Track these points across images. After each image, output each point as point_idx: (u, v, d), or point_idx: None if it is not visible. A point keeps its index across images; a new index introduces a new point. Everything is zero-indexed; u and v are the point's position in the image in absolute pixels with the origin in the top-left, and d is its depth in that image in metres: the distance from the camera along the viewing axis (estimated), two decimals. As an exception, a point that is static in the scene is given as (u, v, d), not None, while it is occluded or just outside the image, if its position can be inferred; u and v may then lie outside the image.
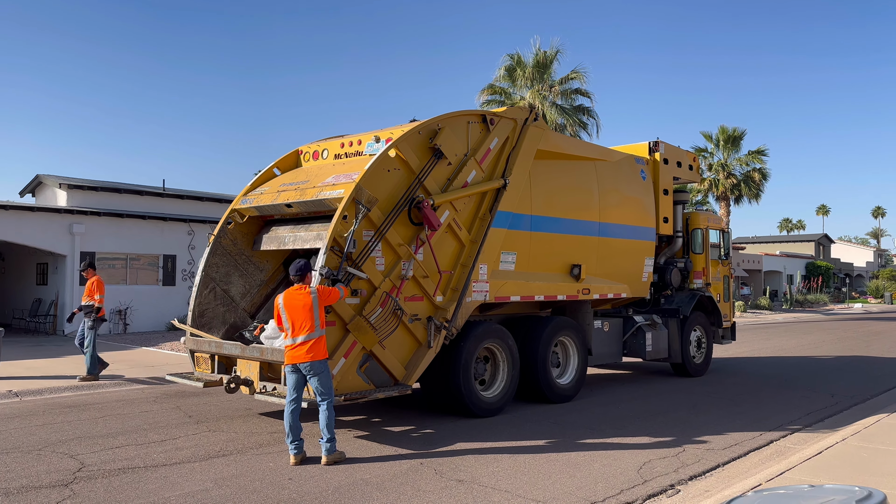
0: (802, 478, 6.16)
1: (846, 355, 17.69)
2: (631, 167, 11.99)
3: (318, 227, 8.59)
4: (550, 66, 28.46)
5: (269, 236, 9.42)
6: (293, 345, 6.77)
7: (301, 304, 6.78)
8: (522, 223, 9.71)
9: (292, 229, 9.07)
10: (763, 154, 39.18)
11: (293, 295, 6.86)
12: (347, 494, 5.91)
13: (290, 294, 6.89)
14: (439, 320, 8.41)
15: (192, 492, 5.93)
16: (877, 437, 7.87)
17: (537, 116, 10.11)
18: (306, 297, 6.79)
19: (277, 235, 9.27)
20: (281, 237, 9.19)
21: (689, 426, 8.76)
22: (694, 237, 13.85)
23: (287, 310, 6.82)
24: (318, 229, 8.56)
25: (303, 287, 6.90)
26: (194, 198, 23.64)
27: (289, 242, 9.01)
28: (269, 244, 9.41)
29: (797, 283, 53.73)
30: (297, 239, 8.86)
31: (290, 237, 9.00)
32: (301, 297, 6.80)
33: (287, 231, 9.13)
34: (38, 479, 6.24)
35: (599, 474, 6.60)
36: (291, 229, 9.09)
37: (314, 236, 8.54)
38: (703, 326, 13.54)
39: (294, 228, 9.05)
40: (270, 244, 9.37)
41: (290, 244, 8.98)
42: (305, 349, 6.72)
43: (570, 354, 10.63)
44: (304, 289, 6.87)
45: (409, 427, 8.51)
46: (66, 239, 19.53)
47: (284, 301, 6.86)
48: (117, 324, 20.06)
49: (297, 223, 9.12)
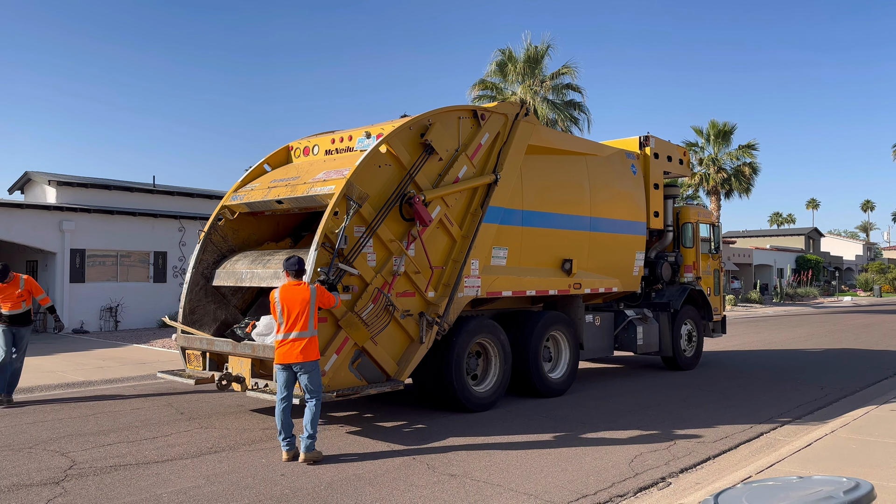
0: (792, 470, 6.21)
1: (836, 348, 17.82)
2: (622, 162, 12.02)
3: (276, 264, 8.40)
4: (541, 62, 28.48)
5: (226, 271, 9.10)
6: (284, 340, 6.74)
7: (299, 299, 6.74)
8: (514, 218, 9.72)
9: (250, 265, 8.80)
10: (753, 148, 39.36)
11: (290, 289, 6.81)
12: (340, 490, 5.91)
13: (287, 288, 6.84)
14: (431, 316, 8.42)
15: (185, 488, 5.92)
16: (866, 428, 7.93)
17: (528, 111, 10.12)
18: (304, 293, 6.76)
19: (235, 271, 8.96)
20: (238, 273, 8.88)
21: (680, 419, 8.81)
22: (684, 231, 13.90)
23: (283, 304, 6.78)
24: (274, 266, 8.37)
25: (300, 283, 6.88)
26: (185, 194, 23.55)
27: (245, 279, 8.74)
28: (225, 279, 9.10)
29: (787, 276, 54.02)
30: (255, 276, 8.60)
31: (248, 273, 8.71)
32: (299, 293, 6.77)
33: (244, 266, 8.85)
34: (28, 478, 6.22)
35: (591, 468, 6.64)
36: (249, 265, 8.82)
37: (271, 274, 8.36)
38: (693, 320, 13.61)
39: (252, 265, 8.78)
40: (227, 280, 9.07)
41: (248, 281, 8.71)
42: (298, 349, 6.69)
43: (562, 349, 10.66)
44: (302, 284, 6.85)
45: (401, 422, 8.52)
46: (55, 236, 19.43)
47: (281, 295, 6.82)
48: (108, 321, 19.98)
49: (255, 259, 8.87)
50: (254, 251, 9.32)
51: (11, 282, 9.83)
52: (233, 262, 9.20)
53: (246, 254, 9.25)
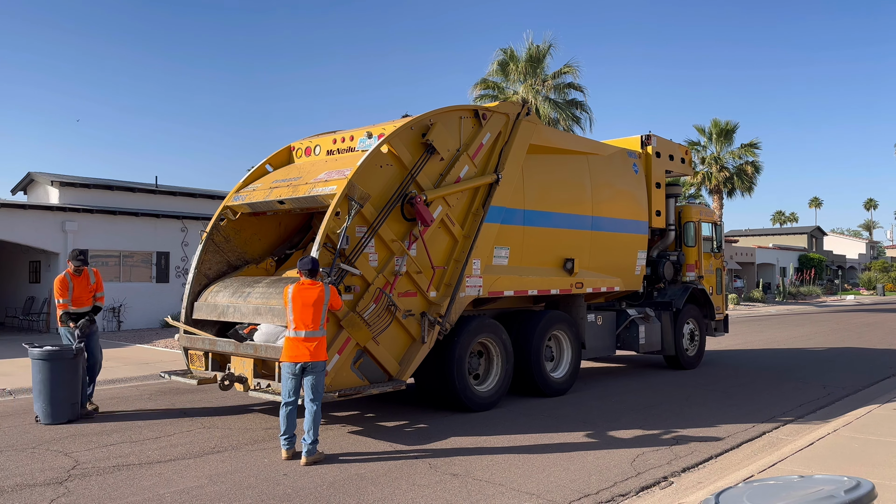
0: (794, 469, 6.21)
1: (838, 347, 17.80)
2: (623, 161, 12.01)
3: (258, 299, 8.30)
4: (543, 61, 28.47)
5: (207, 304, 8.98)
6: (296, 338, 6.75)
7: (314, 299, 6.75)
8: (515, 218, 9.72)
9: (231, 298, 8.67)
10: (756, 147, 39.32)
11: (305, 289, 6.81)
12: (342, 489, 5.93)
13: (300, 287, 6.84)
14: (433, 315, 8.42)
15: (187, 488, 5.94)
16: (868, 427, 7.93)
17: (529, 111, 10.12)
18: (320, 293, 6.78)
19: (216, 304, 8.84)
20: (219, 306, 8.77)
21: (683, 418, 8.81)
22: (686, 230, 13.90)
23: (295, 303, 6.78)
24: (256, 301, 8.29)
25: (314, 282, 6.89)
26: (187, 194, 23.59)
27: (228, 314, 8.60)
28: (206, 313, 8.95)
29: (790, 275, 53.97)
30: (237, 311, 8.48)
31: (230, 308, 8.58)
32: (314, 293, 6.78)
33: (226, 300, 8.74)
34: (32, 478, 6.24)
35: (593, 467, 6.64)
36: (230, 298, 8.69)
37: (252, 310, 8.28)
38: (695, 319, 13.60)
39: (233, 297, 8.67)
40: (209, 313, 8.91)
41: (230, 316, 8.56)
42: (310, 348, 6.71)
43: (564, 348, 10.66)
44: (317, 284, 6.87)
45: (403, 422, 8.53)
46: (58, 237, 19.47)
47: (294, 294, 6.82)
48: (111, 321, 20.02)
49: (235, 290, 8.73)
50: (235, 279, 9.15)
51: (83, 275, 9.22)
52: (213, 293, 9.01)
53: (226, 283, 9.08)
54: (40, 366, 8.34)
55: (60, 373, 8.34)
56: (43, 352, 8.34)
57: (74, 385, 8.49)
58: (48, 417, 8.34)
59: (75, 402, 8.52)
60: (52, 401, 8.33)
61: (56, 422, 8.33)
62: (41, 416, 8.38)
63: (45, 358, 8.32)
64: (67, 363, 8.41)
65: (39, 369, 8.33)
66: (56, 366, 8.34)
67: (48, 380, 8.30)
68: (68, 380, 8.40)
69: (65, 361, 8.39)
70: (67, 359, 8.41)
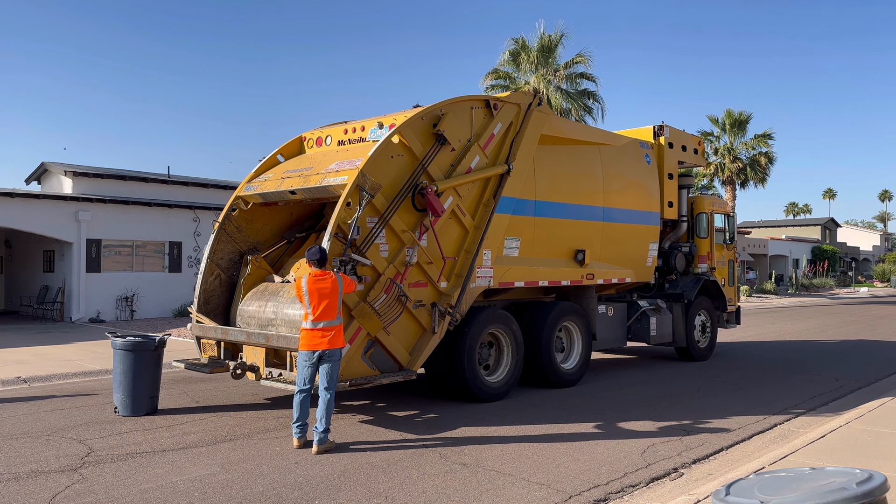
0: (805, 461, 6.19)
1: (851, 339, 17.68)
2: (635, 151, 11.95)
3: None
4: (555, 51, 28.26)
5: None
6: (313, 329, 6.78)
7: (329, 290, 6.78)
8: (526, 209, 9.70)
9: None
10: (769, 138, 38.96)
11: (317, 279, 6.84)
12: (353, 478, 5.96)
13: (313, 277, 6.86)
14: (443, 306, 8.43)
15: (200, 476, 5.99)
16: (881, 420, 7.88)
17: (541, 101, 10.07)
18: (333, 284, 6.81)
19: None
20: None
21: (693, 410, 8.79)
22: (699, 221, 13.82)
23: (310, 293, 6.80)
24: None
25: (325, 273, 6.91)
26: (199, 184, 23.69)
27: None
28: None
29: (803, 267, 53.60)
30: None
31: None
32: (327, 282, 6.81)
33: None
34: (46, 464, 6.32)
35: (603, 458, 6.64)
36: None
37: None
38: (707, 311, 13.54)
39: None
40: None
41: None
42: (327, 337, 6.75)
43: (575, 339, 10.65)
44: (328, 274, 6.89)
45: (413, 412, 8.56)
46: (72, 226, 19.61)
47: (308, 284, 6.83)
48: (124, 310, 20.18)
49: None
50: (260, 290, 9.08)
51: None
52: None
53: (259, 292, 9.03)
54: (122, 356, 8.10)
55: (142, 364, 8.14)
56: (126, 342, 8.12)
57: (156, 377, 8.36)
58: (127, 409, 8.14)
59: (154, 394, 8.36)
60: (133, 392, 8.12)
61: (135, 414, 8.13)
62: (120, 407, 8.17)
63: (128, 349, 8.10)
64: (149, 354, 8.22)
65: (121, 360, 8.10)
66: (139, 357, 8.13)
67: (130, 371, 8.08)
68: (150, 371, 8.24)
69: (147, 353, 8.20)
70: (150, 350, 8.22)
